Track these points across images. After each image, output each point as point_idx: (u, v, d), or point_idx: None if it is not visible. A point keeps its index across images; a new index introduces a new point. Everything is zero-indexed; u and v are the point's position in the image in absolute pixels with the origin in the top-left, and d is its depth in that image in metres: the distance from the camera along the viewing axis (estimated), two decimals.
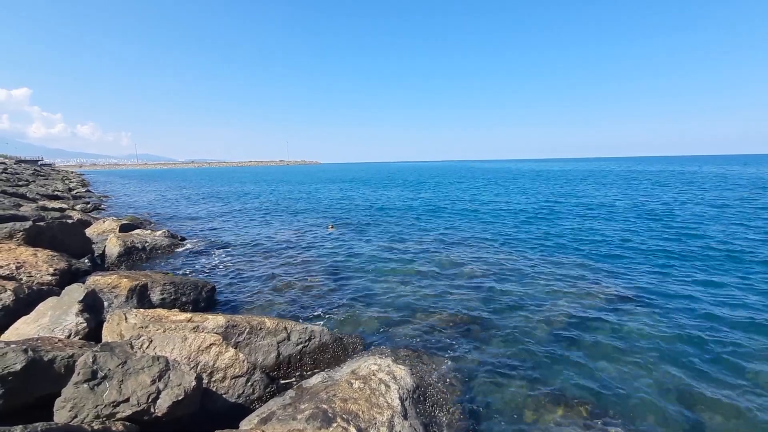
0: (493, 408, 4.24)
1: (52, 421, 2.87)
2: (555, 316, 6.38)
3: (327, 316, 6.55)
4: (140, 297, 6.09)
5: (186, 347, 3.99)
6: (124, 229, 11.96)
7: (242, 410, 3.79)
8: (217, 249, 11.58)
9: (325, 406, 3.44)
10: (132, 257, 9.47)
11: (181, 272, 8.84)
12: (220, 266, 9.63)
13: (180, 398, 3.11)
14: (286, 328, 5.02)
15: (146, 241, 9.98)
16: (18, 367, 3.08)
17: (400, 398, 3.81)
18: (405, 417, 3.61)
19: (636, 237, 12.19)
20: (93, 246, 9.85)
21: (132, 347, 3.77)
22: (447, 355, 5.26)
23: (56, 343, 3.74)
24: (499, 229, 14.32)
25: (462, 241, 12.28)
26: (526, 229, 14.05)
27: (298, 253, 10.94)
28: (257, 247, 11.82)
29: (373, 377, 4.03)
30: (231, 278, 8.66)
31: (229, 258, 10.46)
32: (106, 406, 2.93)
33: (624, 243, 11.40)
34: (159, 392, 3.10)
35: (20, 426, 2.57)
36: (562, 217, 16.79)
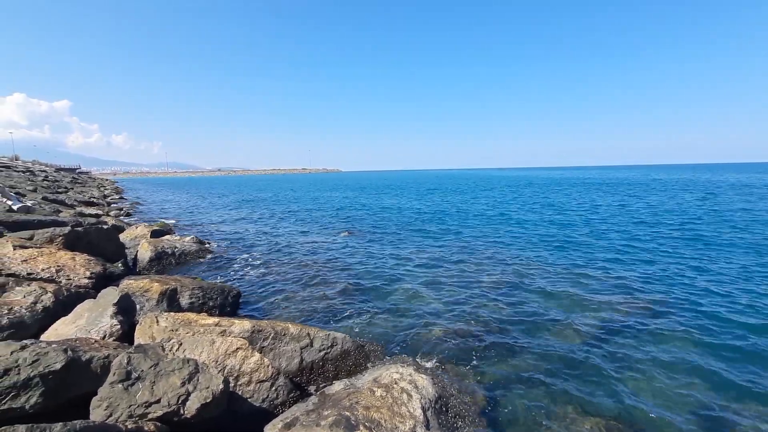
0: (517, 421, 4.15)
1: (89, 419, 3.00)
2: (582, 328, 6.20)
3: (349, 323, 6.58)
4: (170, 301, 6.29)
5: (214, 351, 4.10)
6: (155, 234, 12.41)
7: (266, 414, 3.85)
8: (242, 254, 11.86)
9: (347, 414, 3.45)
10: (162, 262, 9.80)
11: (208, 277, 9.09)
12: (245, 271, 9.85)
13: (208, 400, 3.19)
14: (309, 335, 5.07)
15: (176, 247, 10.32)
16: (58, 366, 3.23)
17: (423, 408, 3.78)
18: (427, 427, 3.58)
19: (671, 248, 11.74)
20: (126, 251, 10.25)
21: (163, 349, 3.90)
22: (470, 365, 5.20)
23: (93, 343, 3.91)
24: (523, 238, 14.07)
25: (485, 249, 12.13)
26: (551, 239, 13.74)
27: (320, 259, 11.06)
28: (280, 253, 12.04)
29: (395, 386, 4.02)
30: (255, 283, 8.84)
31: (254, 263, 10.69)
32: (139, 406, 3.04)
33: (656, 254, 11.00)
34: (188, 394, 3.19)
35: (60, 423, 2.70)
36: (588, 226, 16.35)
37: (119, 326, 4.82)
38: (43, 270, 6.61)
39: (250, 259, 11.21)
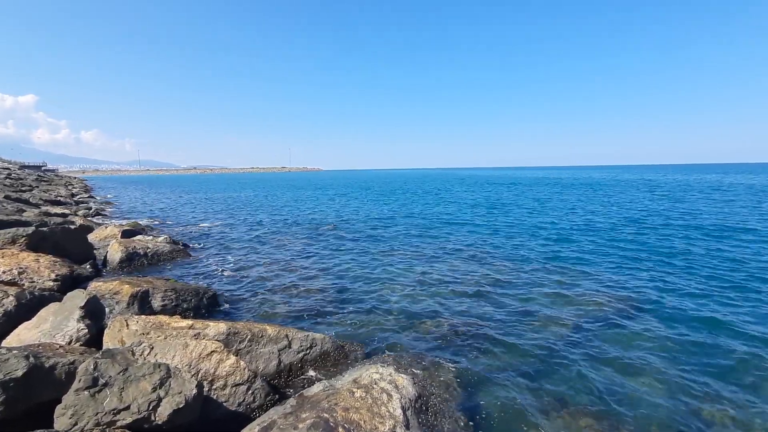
0: (497, 418, 4.19)
1: (53, 428, 2.85)
2: (560, 324, 6.34)
3: (328, 324, 6.52)
4: (141, 303, 6.08)
5: (187, 354, 3.98)
6: (126, 234, 11.98)
7: (243, 419, 3.76)
8: (218, 254, 11.60)
9: (326, 416, 3.41)
10: (134, 263, 9.46)
11: (182, 278, 8.83)
12: (221, 272, 9.61)
13: (181, 406, 3.08)
14: (287, 336, 5.00)
15: (148, 247, 9.99)
16: (19, 373, 3.07)
17: (402, 408, 3.77)
18: (407, 427, 3.57)
19: (644, 244, 12.15)
20: (95, 252, 9.87)
21: (133, 354, 3.76)
22: (449, 364, 5.22)
23: (57, 349, 3.73)
24: (501, 237, 14.29)
25: (465, 248, 12.25)
26: (529, 238, 14.01)
27: (299, 259, 10.92)
28: (258, 253, 11.82)
29: (374, 386, 4.00)
30: (232, 284, 8.64)
31: (230, 264, 10.46)
32: (106, 413, 2.91)
33: (631, 250, 11.36)
34: (160, 400, 3.07)
35: None
36: (565, 225, 16.76)
37: (86, 330, 4.63)
38: (4, 272, 6.29)
39: (227, 259, 10.96)
